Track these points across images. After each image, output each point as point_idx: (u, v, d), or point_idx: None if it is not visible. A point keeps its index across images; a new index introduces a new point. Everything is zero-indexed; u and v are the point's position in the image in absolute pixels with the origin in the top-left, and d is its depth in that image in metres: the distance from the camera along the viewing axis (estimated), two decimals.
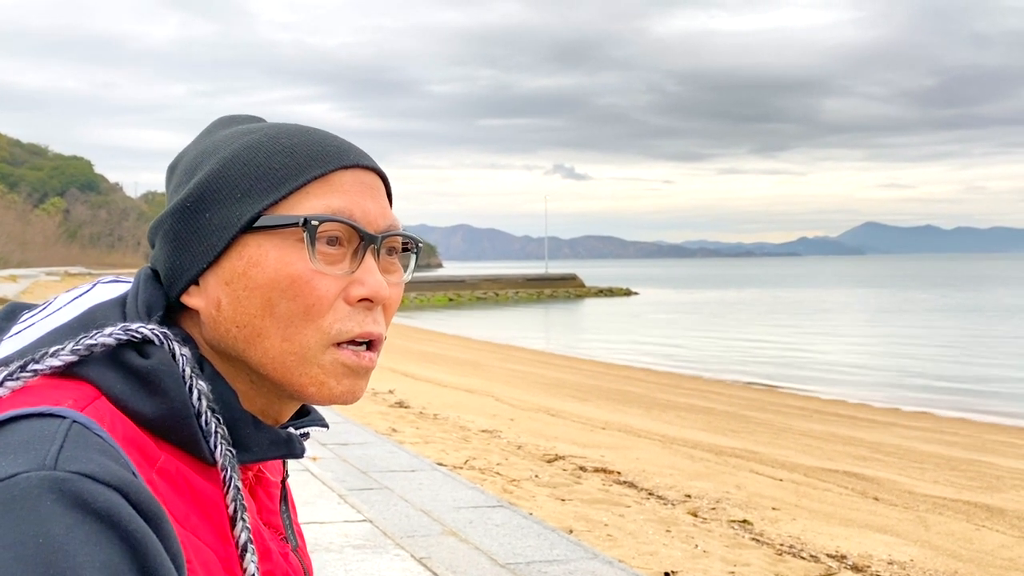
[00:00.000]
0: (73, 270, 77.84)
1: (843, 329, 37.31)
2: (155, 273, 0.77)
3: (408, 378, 15.55)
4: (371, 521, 5.25)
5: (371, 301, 0.74)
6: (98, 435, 0.61)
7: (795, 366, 23.28)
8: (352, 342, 0.74)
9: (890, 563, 5.82)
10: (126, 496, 0.58)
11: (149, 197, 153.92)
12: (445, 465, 7.25)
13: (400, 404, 11.51)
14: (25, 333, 0.72)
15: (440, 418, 10.52)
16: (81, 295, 0.76)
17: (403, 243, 0.80)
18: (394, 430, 9.05)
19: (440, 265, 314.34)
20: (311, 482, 6.14)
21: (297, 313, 0.72)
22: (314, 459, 6.92)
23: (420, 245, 0.81)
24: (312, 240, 0.72)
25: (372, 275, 0.74)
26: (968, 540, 6.84)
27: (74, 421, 0.61)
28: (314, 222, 0.72)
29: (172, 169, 0.82)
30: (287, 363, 0.73)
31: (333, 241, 0.74)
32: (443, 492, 6.09)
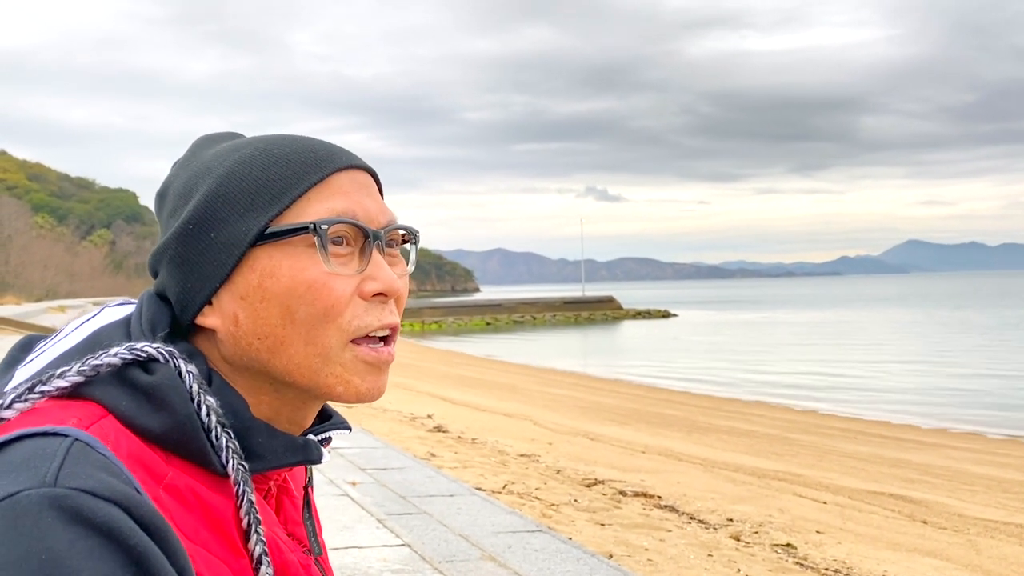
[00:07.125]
0: None
1: (888, 349, 36.62)
2: (159, 295, 0.79)
3: (446, 402, 15.57)
4: (410, 546, 5.25)
5: (385, 295, 0.77)
6: (100, 453, 0.63)
7: (838, 387, 22.90)
8: (368, 337, 0.76)
9: None
10: (127, 511, 0.59)
11: None
12: (483, 490, 7.23)
13: (438, 428, 11.52)
14: (37, 360, 0.74)
15: (478, 442, 10.50)
16: (88, 319, 0.78)
17: (402, 235, 0.82)
18: (432, 454, 9.05)
19: (477, 289, 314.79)
20: (350, 506, 6.16)
21: (317, 316, 0.74)
22: (353, 484, 6.95)
23: (418, 234, 0.83)
24: (324, 244, 0.74)
25: (382, 270, 0.77)
26: (1022, 564, 6.64)
27: (76, 439, 0.63)
28: (323, 226, 0.74)
29: (162, 196, 0.82)
30: (312, 366, 0.75)
31: (339, 242, 0.76)
32: (482, 517, 6.07)
